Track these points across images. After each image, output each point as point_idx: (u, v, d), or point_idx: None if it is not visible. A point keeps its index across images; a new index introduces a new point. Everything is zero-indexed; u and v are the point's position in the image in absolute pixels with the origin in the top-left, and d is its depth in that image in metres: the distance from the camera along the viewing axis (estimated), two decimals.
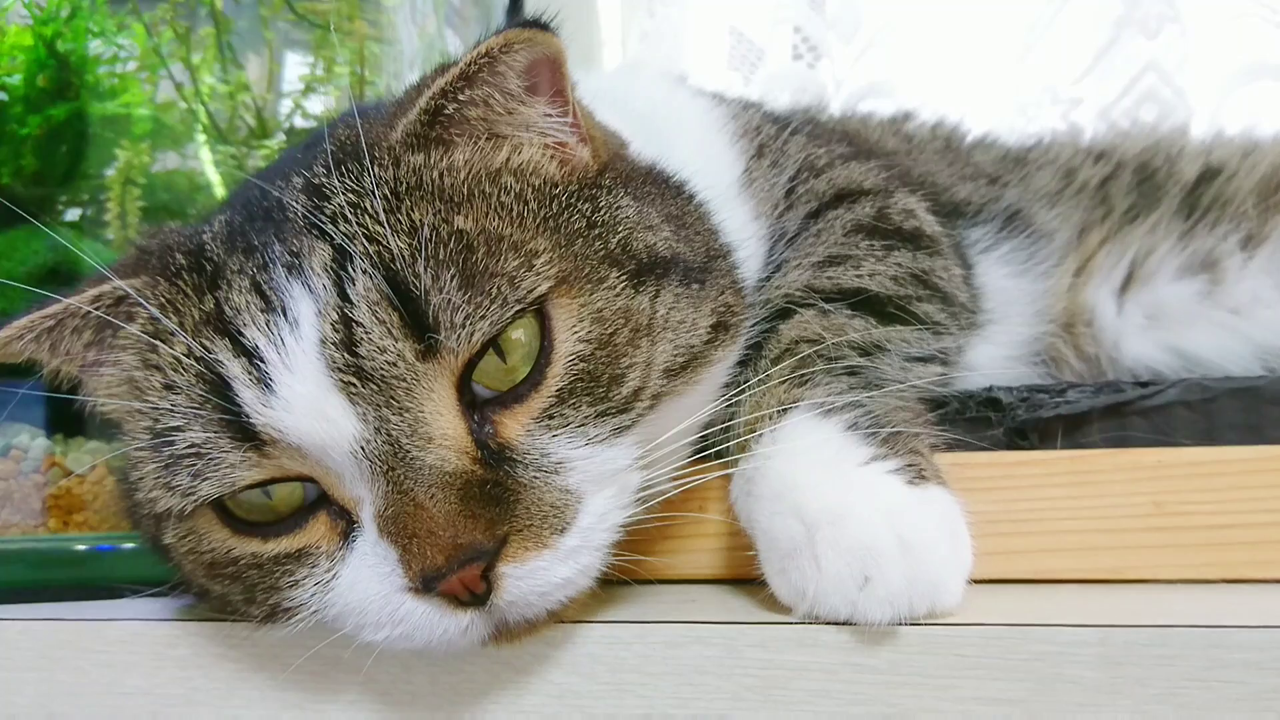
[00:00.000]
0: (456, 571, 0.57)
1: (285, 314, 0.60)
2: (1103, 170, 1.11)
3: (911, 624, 0.59)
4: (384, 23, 1.17)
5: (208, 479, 0.60)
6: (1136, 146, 1.15)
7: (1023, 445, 0.77)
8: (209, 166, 1.13)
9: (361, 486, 0.59)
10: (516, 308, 0.60)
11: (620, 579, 0.65)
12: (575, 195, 0.67)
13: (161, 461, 0.62)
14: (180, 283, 0.64)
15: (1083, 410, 0.76)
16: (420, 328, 0.58)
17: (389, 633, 0.60)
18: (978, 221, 1.01)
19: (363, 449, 0.58)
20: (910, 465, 0.64)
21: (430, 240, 0.59)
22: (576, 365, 0.62)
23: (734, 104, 1.01)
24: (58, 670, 0.70)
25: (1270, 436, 0.74)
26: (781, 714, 0.60)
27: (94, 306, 0.66)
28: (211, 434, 0.60)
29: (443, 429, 0.59)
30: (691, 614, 0.63)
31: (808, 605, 0.60)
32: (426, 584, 0.58)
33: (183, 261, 0.65)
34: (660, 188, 0.74)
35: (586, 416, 0.61)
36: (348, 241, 0.60)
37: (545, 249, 0.62)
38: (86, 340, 0.67)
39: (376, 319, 0.58)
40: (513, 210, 0.64)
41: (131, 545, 0.82)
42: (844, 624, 0.59)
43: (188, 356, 0.61)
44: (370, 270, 0.59)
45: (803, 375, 0.70)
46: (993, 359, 0.92)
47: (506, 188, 0.65)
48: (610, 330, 0.63)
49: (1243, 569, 0.68)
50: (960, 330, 0.85)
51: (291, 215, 0.63)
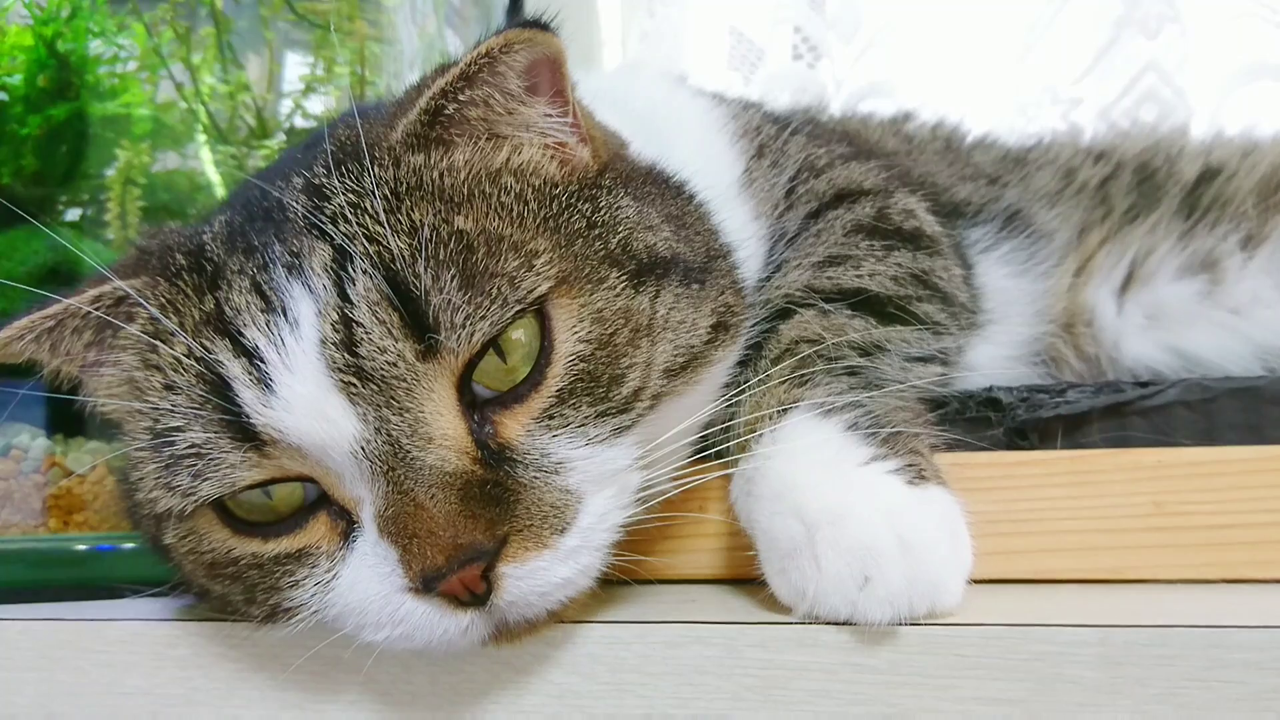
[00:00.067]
0: (457, 571, 0.57)
1: (285, 314, 0.60)
2: (1103, 170, 1.11)
3: (911, 624, 0.59)
4: (384, 23, 1.17)
5: (208, 479, 0.60)
6: (1136, 146, 1.15)
7: (1023, 445, 0.77)
8: (209, 166, 1.13)
9: (362, 487, 0.59)
10: (516, 308, 0.60)
11: (620, 579, 0.65)
12: (575, 195, 0.67)
13: (162, 462, 0.62)
14: (180, 283, 0.64)
15: (1083, 410, 0.76)
16: (420, 328, 0.58)
17: (389, 633, 0.60)
18: (978, 221, 1.01)
19: (363, 449, 0.58)
20: (910, 465, 0.64)
21: (430, 240, 0.59)
22: (577, 365, 0.62)
23: (734, 104, 1.01)
24: (58, 670, 0.70)
25: (1270, 436, 0.74)
26: (781, 714, 0.60)
27: (94, 307, 0.66)
28: (212, 434, 0.60)
29: (443, 429, 0.59)
30: (691, 614, 0.63)
31: (808, 605, 0.60)
32: (427, 584, 0.58)
33: (183, 262, 0.65)
34: (660, 188, 0.74)
35: (587, 417, 0.61)
36: (348, 242, 0.60)
37: (545, 249, 0.62)
38: (87, 340, 0.67)
39: (377, 319, 0.58)
40: (513, 210, 0.64)
41: (132, 545, 0.82)
42: (844, 624, 0.59)
43: (188, 357, 0.61)
44: (370, 270, 0.59)
45: (803, 375, 0.70)
46: (993, 359, 0.92)
47: (507, 188, 0.65)
48: (610, 330, 0.63)
49: (1243, 569, 0.68)
50: (960, 330, 0.85)
51: (292, 215, 0.63)
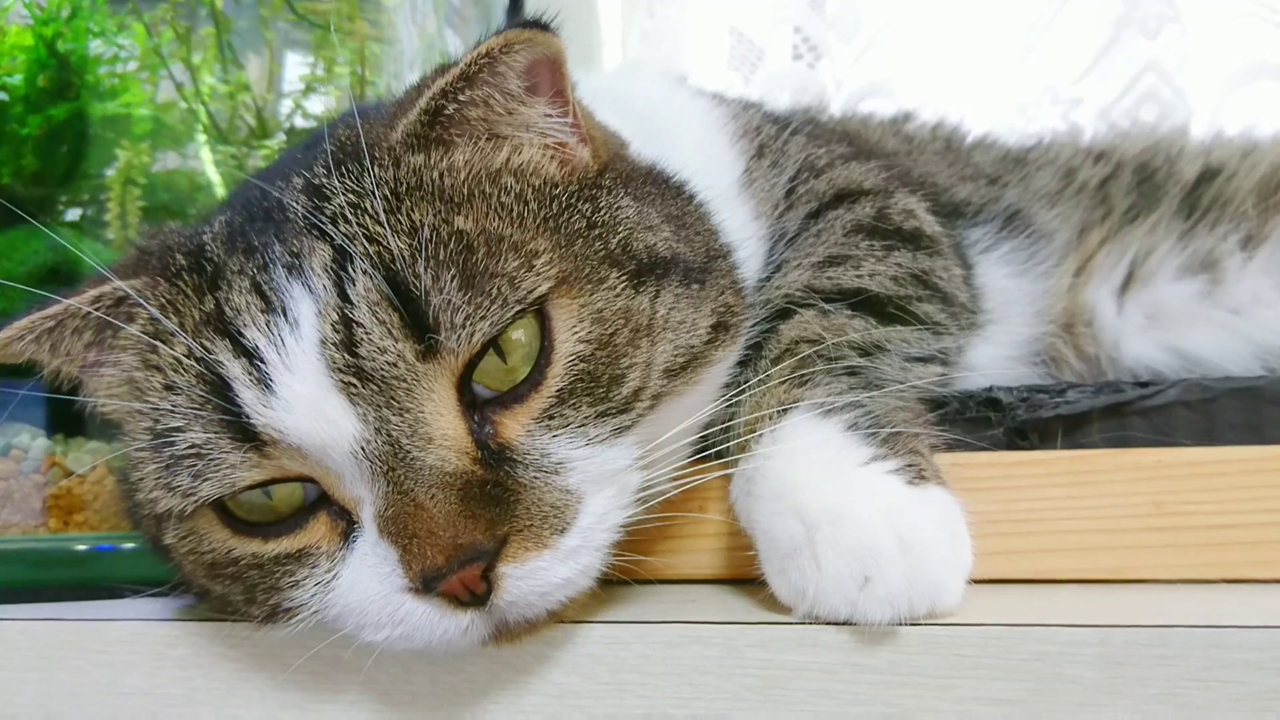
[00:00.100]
0: (457, 572, 0.57)
1: (285, 314, 0.60)
2: (1103, 170, 1.11)
3: (911, 624, 0.59)
4: (384, 23, 1.17)
5: (208, 479, 0.60)
6: (1136, 147, 1.15)
7: (1023, 445, 0.77)
8: (209, 166, 1.13)
9: (362, 487, 0.59)
10: (516, 308, 0.60)
11: (620, 579, 0.65)
12: (575, 195, 0.67)
13: (162, 462, 0.62)
14: (180, 283, 0.64)
15: (1083, 410, 0.76)
16: (420, 328, 0.58)
17: (389, 633, 0.60)
18: (978, 222, 1.01)
19: (363, 449, 0.58)
20: (910, 465, 0.64)
21: (430, 241, 0.59)
22: (577, 365, 0.62)
23: (734, 104, 1.01)
24: (58, 670, 0.70)
25: (1270, 436, 0.74)
26: (781, 714, 0.60)
27: (94, 307, 0.66)
28: (212, 434, 0.60)
29: (443, 429, 0.59)
30: (692, 614, 0.63)
31: (808, 605, 0.60)
32: (427, 584, 0.58)
33: (183, 262, 0.65)
34: (660, 188, 0.74)
35: (587, 417, 0.61)
36: (348, 242, 0.60)
37: (545, 249, 0.62)
38: (87, 341, 0.67)
39: (377, 319, 0.58)
40: (513, 210, 0.64)
41: (132, 545, 0.82)
42: (844, 624, 0.59)
43: (188, 357, 0.61)
44: (370, 271, 0.59)
45: (803, 375, 0.70)
46: (993, 359, 0.92)
47: (507, 188, 0.65)
48: (610, 330, 0.63)
49: (1243, 569, 0.68)
50: (960, 330, 0.85)
51: (292, 216, 0.63)
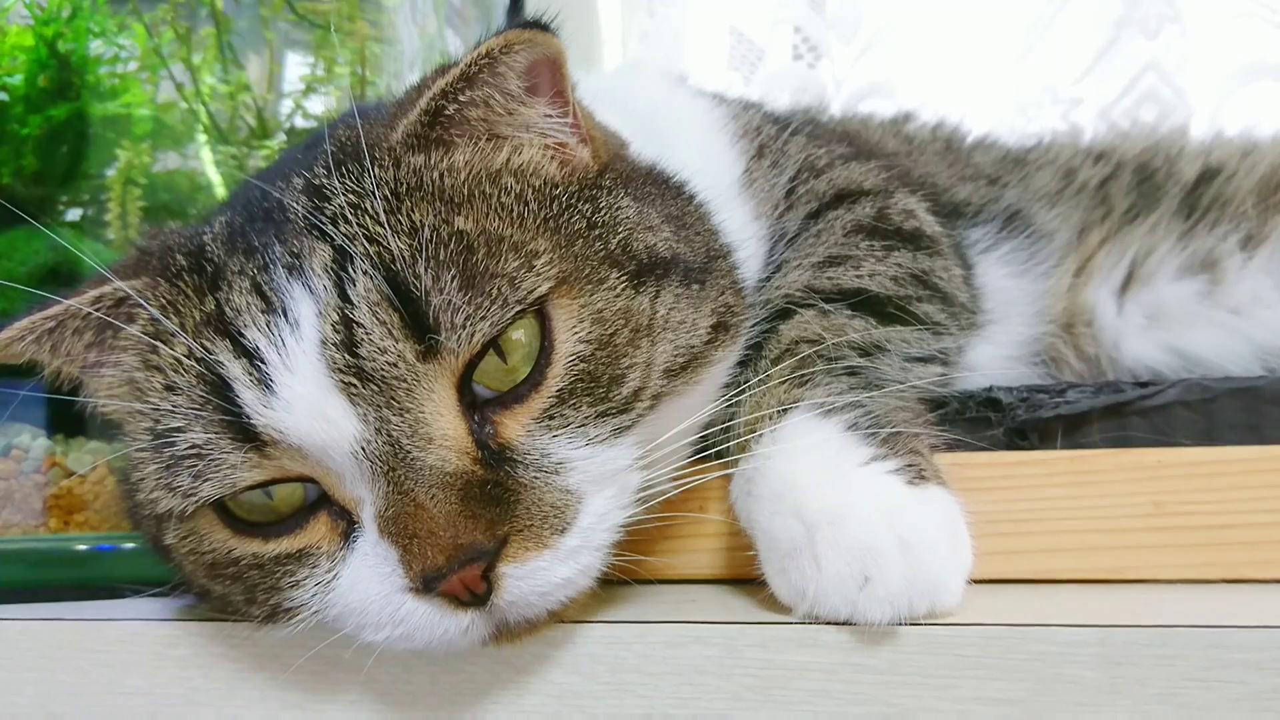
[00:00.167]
0: (457, 572, 0.57)
1: (286, 315, 0.60)
2: (1102, 170, 1.11)
3: (911, 624, 0.59)
4: (384, 23, 1.17)
5: (209, 480, 0.60)
6: (1136, 147, 1.15)
7: (1023, 445, 0.77)
8: (210, 167, 1.13)
9: (362, 487, 0.59)
10: (517, 308, 0.60)
11: (620, 579, 0.65)
12: (575, 196, 0.67)
13: (162, 462, 0.62)
14: (181, 284, 0.64)
15: (1083, 410, 0.76)
16: (421, 328, 0.58)
17: (389, 633, 0.60)
18: (978, 222, 1.01)
19: (363, 449, 0.58)
20: (910, 465, 0.64)
21: (431, 241, 0.59)
22: (577, 366, 0.62)
23: (734, 104, 1.01)
24: (58, 670, 0.70)
25: (1270, 436, 0.74)
26: (781, 714, 0.60)
27: (95, 308, 0.66)
28: (212, 435, 0.60)
29: (443, 429, 0.59)
30: (692, 614, 0.63)
31: (808, 605, 0.60)
32: (427, 584, 0.58)
33: (183, 262, 0.65)
34: (660, 188, 0.74)
35: (587, 417, 0.61)
36: (348, 242, 0.60)
37: (545, 249, 0.62)
38: (87, 341, 0.67)
39: (377, 320, 0.58)
40: (513, 211, 0.64)
41: (132, 545, 0.82)
42: (844, 624, 0.59)
43: (188, 357, 0.61)
44: (371, 271, 0.59)
45: (803, 375, 0.70)
46: (993, 359, 0.92)
47: (507, 188, 0.65)
48: (610, 331, 0.63)
49: (1243, 569, 0.68)
50: (960, 330, 0.85)
51: (292, 216, 0.63)
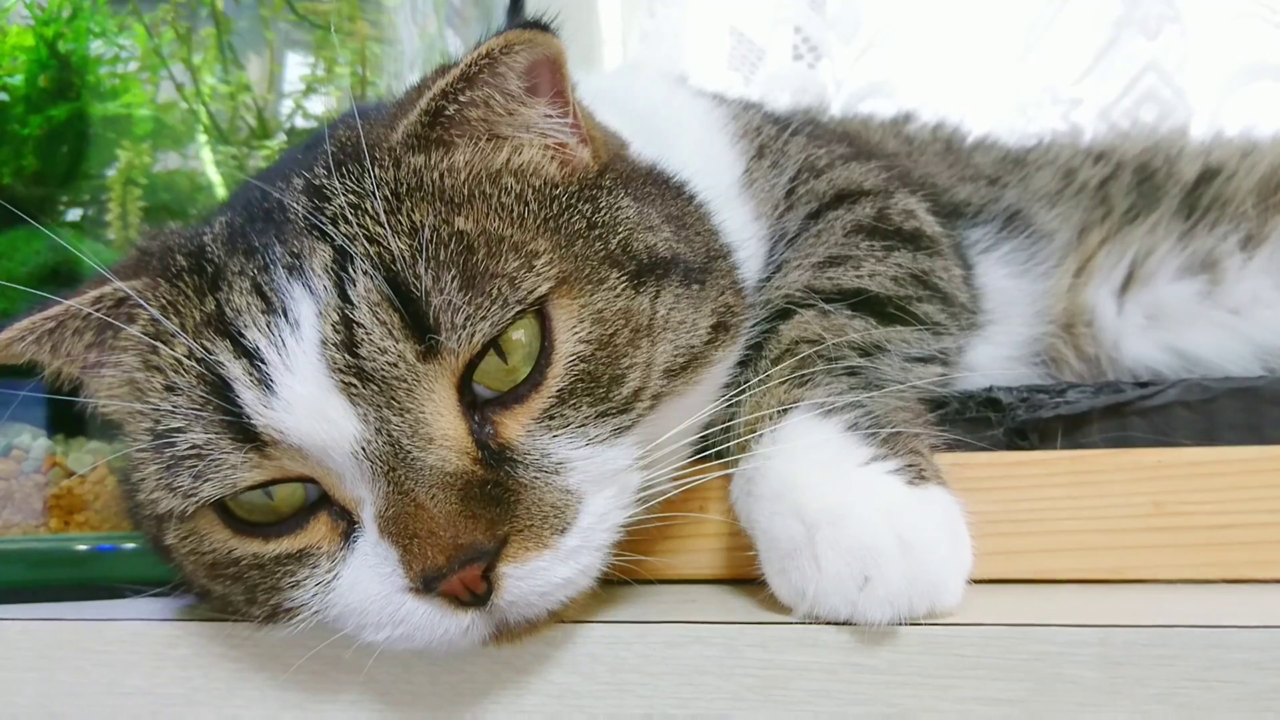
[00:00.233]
0: (457, 572, 0.57)
1: (286, 315, 0.60)
2: (1102, 171, 1.11)
3: (911, 624, 0.59)
4: (385, 23, 1.18)
5: (209, 480, 0.60)
6: (1136, 147, 1.15)
7: (1023, 445, 0.77)
8: (210, 167, 1.13)
9: (362, 487, 0.59)
10: (517, 308, 0.60)
11: (621, 579, 0.65)
12: (575, 196, 0.67)
13: (163, 463, 0.62)
14: (181, 284, 0.64)
15: (1083, 410, 0.76)
16: (421, 329, 0.58)
17: (390, 633, 0.60)
18: (978, 222, 1.01)
19: (363, 450, 0.58)
20: (910, 465, 0.64)
21: (431, 241, 0.59)
22: (577, 366, 0.62)
23: (734, 104, 1.01)
24: (58, 670, 0.70)
25: (1270, 437, 0.74)
26: (781, 714, 0.60)
27: (95, 308, 0.66)
28: (213, 435, 0.60)
29: (443, 429, 0.59)
30: (692, 614, 0.63)
31: (808, 605, 0.60)
32: (427, 584, 0.58)
33: (183, 263, 0.65)
34: (660, 188, 0.74)
35: (587, 417, 0.61)
36: (348, 242, 0.60)
37: (545, 250, 0.62)
38: (87, 342, 0.67)
39: (377, 320, 0.58)
40: (513, 211, 0.64)
41: (132, 545, 0.83)
42: (844, 624, 0.59)
43: (189, 358, 0.61)
44: (371, 271, 0.59)
45: (803, 375, 0.70)
46: (993, 359, 0.92)
47: (507, 188, 0.65)
48: (610, 331, 0.63)
49: (1243, 569, 0.68)
50: (960, 331, 0.85)
51: (292, 216, 0.63)
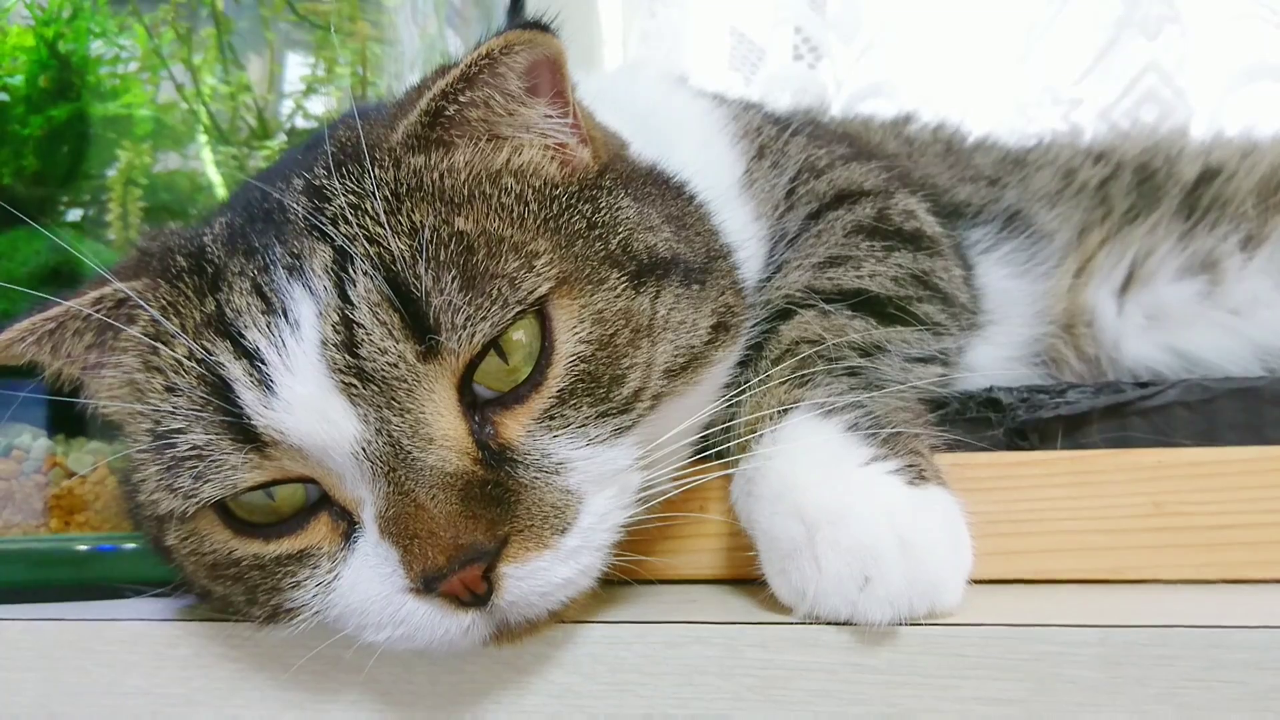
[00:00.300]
0: (457, 572, 0.57)
1: (286, 316, 0.60)
2: (1102, 171, 1.11)
3: (912, 624, 0.59)
4: (385, 23, 1.18)
5: (209, 481, 0.60)
6: (1136, 147, 1.15)
7: (1023, 446, 0.77)
8: (210, 167, 1.13)
9: (363, 487, 0.59)
10: (517, 309, 0.60)
11: (621, 579, 0.65)
12: (575, 196, 0.67)
13: (163, 464, 0.62)
14: (181, 285, 0.64)
15: (1083, 411, 0.76)
16: (421, 329, 0.58)
17: (390, 633, 0.60)
18: (978, 223, 1.01)
19: (364, 450, 0.58)
20: (910, 466, 0.64)
21: (431, 241, 0.59)
22: (577, 366, 0.62)
23: (735, 105, 1.01)
24: (59, 670, 0.70)
25: (1270, 437, 0.74)
26: (782, 714, 0.60)
27: (95, 309, 0.66)
28: (213, 436, 0.60)
29: (444, 430, 0.59)
30: (692, 614, 0.63)
31: (808, 605, 0.60)
32: (428, 584, 0.58)
33: (184, 264, 0.65)
34: (661, 188, 0.74)
35: (587, 417, 0.61)
36: (348, 243, 0.60)
37: (546, 250, 0.62)
38: (88, 343, 0.67)
39: (377, 320, 0.58)
40: (513, 211, 0.64)
41: (133, 546, 0.83)
42: (844, 624, 0.59)
43: (189, 359, 0.61)
44: (371, 272, 0.59)
45: (803, 376, 0.70)
46: (993, 360, 0.92)
47: (507, 189, 0.65)
48: (611, 331, 0.63)
49: (1243, 569, 0.68)
50: (961, 331, 0.85)
51: (292, 217, 0.63)
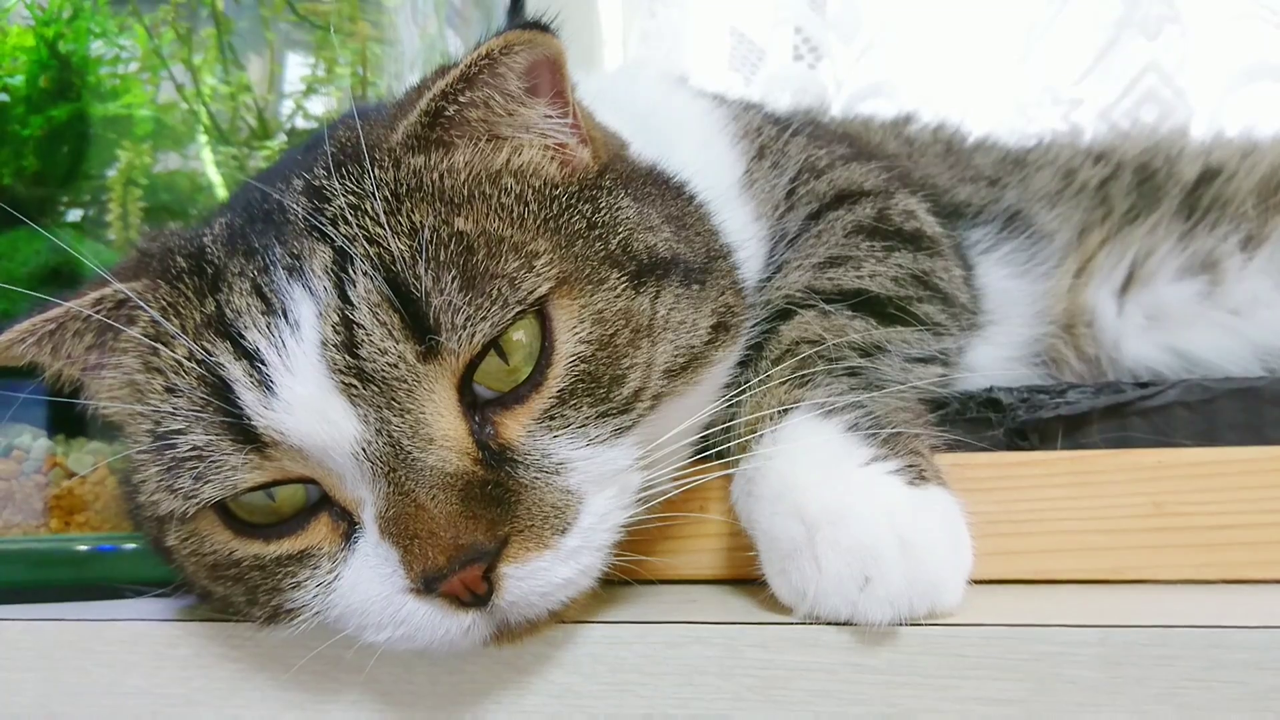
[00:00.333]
0: (458, 572, 0.57)
1: (286, 316, 0.60)
2: (1102, 171, 1.11)
3: (912, 624, 0.59)
4: (385, 23, 1.18)
5: (209, 481, 0.60)
6: (1136, 147, 1.15)
7: (1023, 446, 0.77)
8: (210, 167, 1.13)
9: (363, 488, 0.59)
10: (517, 309, 0.60)
11: (621, 579, 0.65)
12: (575, 196, 0.67)
13: (163, 464, 0.62)
14: (181, 286, 0.64)
15: (1083, 411, 0.76)
16: (421, 329, 0.58)
17: (391, 634, 0.60)
18: (978, 223, 1.01)
19: (364, 450, 0.58)
20: (911, 466, 0.64)
21: (431, 242, 0.60)
22: (577, 366, 0.62)
23: (735, 105, 1.01)
24: (59, 670, 0.70)
25: (1270, 437, 0.74)
26: (782, 714, 0.60)
27: (95, 310, 0.66)
28: (213, 436, 0.60)
29: (444, 430, 0.59)
30: (692, 614, 0.63)
31: (808, 605, 0.60)
32: (428, 585, 0.58)
33: (183, 264, 0.65)
34: (661, 189, 0.74)
35: (587, 417, 0.61)
36: (348, 243, 0.60)
37: (545, 250, 0.62)
38: (88, 343, 0.67)
39: (377, 320, 0.58)
40: (513, 211, 0.64)
41: (133, 546, 0.83)
42: (844, 624, 0.59)
43: (189, 359, 0.61)
44: (371, 272, 0.59)
45: (803, 376, 0.70)
46: (993, 360, 0.92)
47: (507, 189, 0.65)
48: (611, 331, 0.63)
49: (1243, 569, 0.68)
50: (961, 331, 0.85)
51: (292, 217, 0.63)
